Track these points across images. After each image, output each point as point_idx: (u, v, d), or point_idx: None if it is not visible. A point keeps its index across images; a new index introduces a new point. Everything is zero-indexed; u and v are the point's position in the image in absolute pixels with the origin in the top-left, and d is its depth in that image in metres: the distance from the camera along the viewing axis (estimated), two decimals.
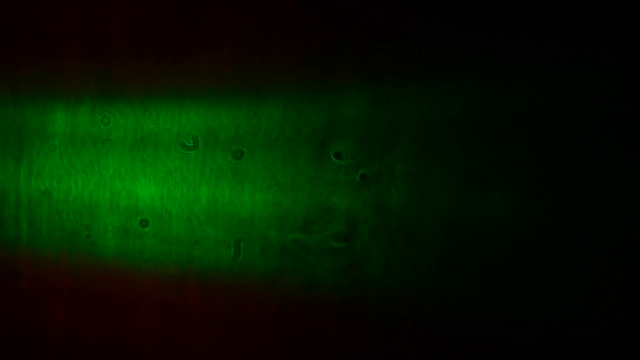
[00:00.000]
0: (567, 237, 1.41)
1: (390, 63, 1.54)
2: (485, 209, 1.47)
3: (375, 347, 1.59)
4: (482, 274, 1.48)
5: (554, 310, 1.43)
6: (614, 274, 1.38)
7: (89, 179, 1.86)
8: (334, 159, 1.59)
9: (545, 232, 1.43)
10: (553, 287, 1.43)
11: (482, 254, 1.48)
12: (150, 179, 1.79)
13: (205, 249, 1.74)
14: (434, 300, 1.53)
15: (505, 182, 1.45)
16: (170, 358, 1.81)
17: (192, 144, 1.74)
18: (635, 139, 1.34)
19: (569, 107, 1.39)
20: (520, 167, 1.43)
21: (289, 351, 1.67)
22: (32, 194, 1.94)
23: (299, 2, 1.61)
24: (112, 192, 1.84)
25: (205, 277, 1.75)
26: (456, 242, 1.50)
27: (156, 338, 1.82)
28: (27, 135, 1.94)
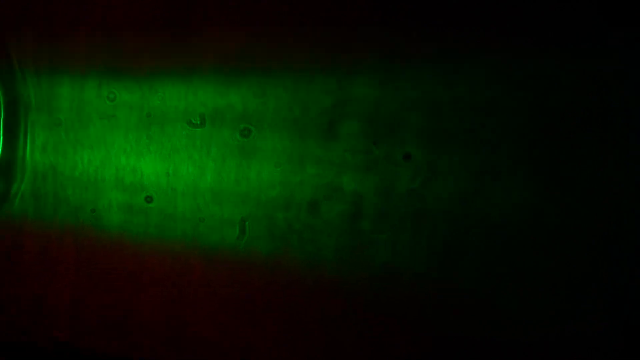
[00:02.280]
0: (573, 228, 1.41)
1: (400, 44, 1.52)
2: (492, 195, 1.46)
3: (378, 328, 1.60)
4: (486, 260, 1.48)
5: (555, 298, 1.43)
6: (611, 268, 1.38)
7: (94, 155, 1.86)
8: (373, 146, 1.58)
9: (550, 222, 1.43)
10: (556, 276, 1.43)
11: (487, 240, 1.48)
12: (156, 155, 1.78)
13: (210, 227, 1.74)
14: (437, 284, 1.53)
15: (513, 170, 1.44)
16: (173, 334, 1.82)
17: (198, 122, 1.73)
18: None
19: (585, 102, 1.38)
20: (530, 155, 1.43)
21: (292, 330, 1.68)
22: (38, 168, 1.94)
23: None
24: (117, 168, 1.83)
25: (210, 255, 1.76)
26: (462, 227, 1.50)
27: (159, 313, 1.83)
28: (33, 110, 1.93)
